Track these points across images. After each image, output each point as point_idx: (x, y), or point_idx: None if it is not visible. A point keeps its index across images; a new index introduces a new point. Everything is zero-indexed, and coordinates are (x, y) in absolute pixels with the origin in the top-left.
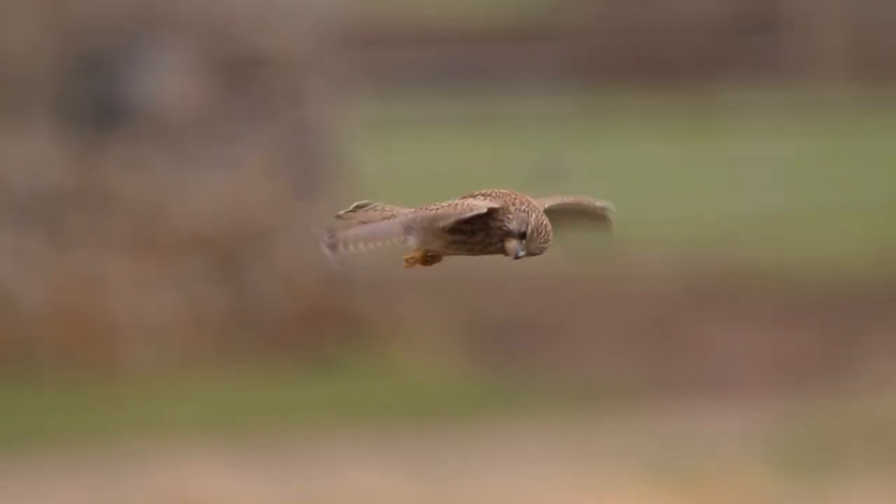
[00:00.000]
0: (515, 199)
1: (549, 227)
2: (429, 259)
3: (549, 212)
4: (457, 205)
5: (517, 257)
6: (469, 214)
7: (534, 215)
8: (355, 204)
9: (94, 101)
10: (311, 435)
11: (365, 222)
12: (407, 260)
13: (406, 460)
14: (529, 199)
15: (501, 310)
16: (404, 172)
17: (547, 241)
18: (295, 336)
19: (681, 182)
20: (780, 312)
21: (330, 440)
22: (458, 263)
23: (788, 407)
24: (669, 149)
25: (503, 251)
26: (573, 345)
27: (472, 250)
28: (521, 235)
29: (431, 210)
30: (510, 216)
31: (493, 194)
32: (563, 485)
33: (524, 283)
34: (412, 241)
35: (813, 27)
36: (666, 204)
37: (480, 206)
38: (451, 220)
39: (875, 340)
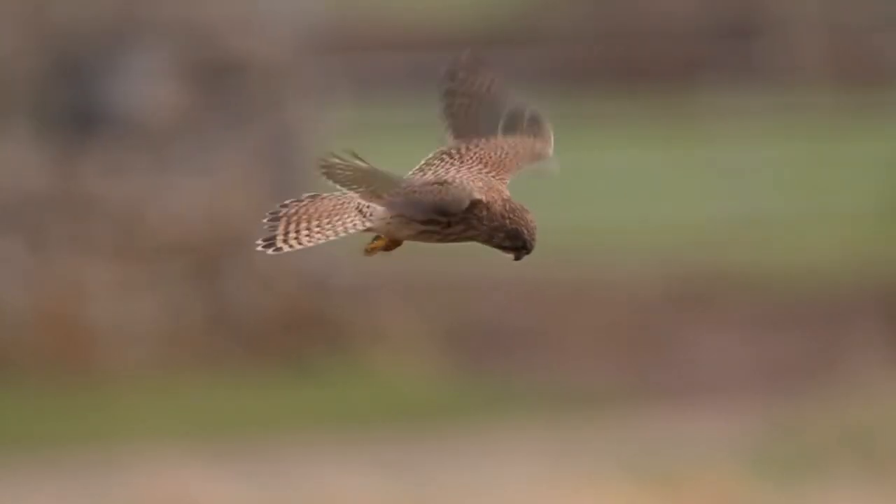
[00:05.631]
0: (500, 198)
1: (536, 224)
2: (388, 246)
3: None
4: (443, 185)
5: (517, 259)
6: (466, 199)
7: (523, 228)
8: (306, 195)
9: (74, 106)
10: (290, 440)
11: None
12: (367, 250)
13: (386, 465)
14: (504, 196)
15: (481, 315)
16: None
17: (536, 238)
18: (274, 342)
19: (662, 187)
20: (762, 318)
21: (309, 445)
22: (437, 268)
23: (770, 412)
24: (651, 154)
25: (474, 240)
26: (554, 349)
27: (444, 240)
28: (519, 248)
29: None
30: (500, 234)
31: (465, 177)
32: (542, 490)
33: (504, 288)
34: (379, 218)
35: (794, 32)
36: (647, 209)
37: (473, 191)
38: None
39: (857, 346)
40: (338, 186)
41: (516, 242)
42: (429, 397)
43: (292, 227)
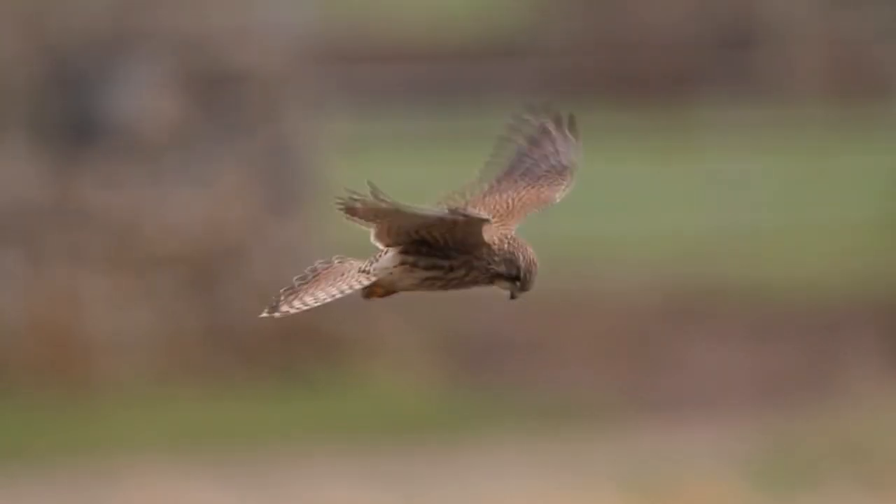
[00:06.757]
0: (499, 234)
1: (536, 261)
2: (386, 292)
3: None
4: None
5: (512, 298)
6: (476, 216)
7: (520, 254)
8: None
9: (70, 117)
10: (286, 452)
11: (318, 278)
12: (365, 294)
13: (381, 477)
14: (509, 231)
15: (477, 327)
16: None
17: (536, 275)
18: (270, 353)
19: (658, 199)
20: (757, 330)
21: (306, 457)
22: None
23: (766, 424)
24: (647, 166)
25: (478, 285)
26: (550, 361)
27: (447, 286)
28: (514, 278)
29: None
30: (496, 258)
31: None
32: (539, 501)
33: (500, 300)
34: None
35: (791, 44)
36: (643, 221)
37: (482, 215)
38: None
39: (853, 358)
40: (355, 223)
41: (511, 269)
42: (424, 409)
43: (299, 293)
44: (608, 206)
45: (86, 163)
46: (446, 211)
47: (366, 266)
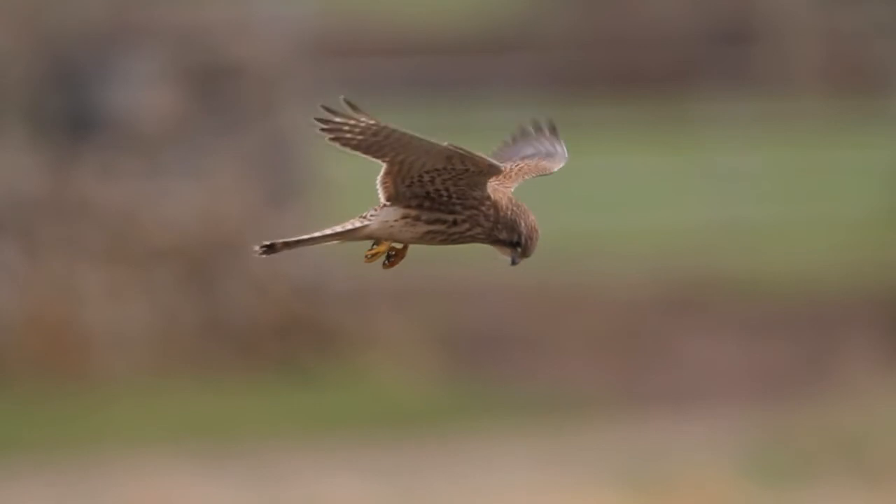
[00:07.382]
0: (506, 198)
1: (538, 227)
2: (392, 259)
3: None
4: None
5: (514, 264)
6: (477, 155)
7: (522, 221)
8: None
9: (68, 111)
10: (284, 444)
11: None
12: (367, 256)
13: (380, 470)
14: (510, 195)
15: (475, 321)
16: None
17: (537, 241)
18: (268, 346)
19: (655, 193)
20: (753, 323)
21: (304, 450)
22: (432, 274)
23: (760, 417)
24: (644, 160)
25: (478, 241)
26: (547, 355)
27: (447, 241)
28: (515, 244)
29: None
30: (499, 226)
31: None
32: (535, 494)
33: (498, 294)
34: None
35: (788, 39)
36: (640, 215)
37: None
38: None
39: (849, 352)
40: (347, 151)
41: (512, 236)
42: (422, 402)
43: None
44: (605, 199)
45: (84, 156)
46: (446, 144)
47: (366, 213)
